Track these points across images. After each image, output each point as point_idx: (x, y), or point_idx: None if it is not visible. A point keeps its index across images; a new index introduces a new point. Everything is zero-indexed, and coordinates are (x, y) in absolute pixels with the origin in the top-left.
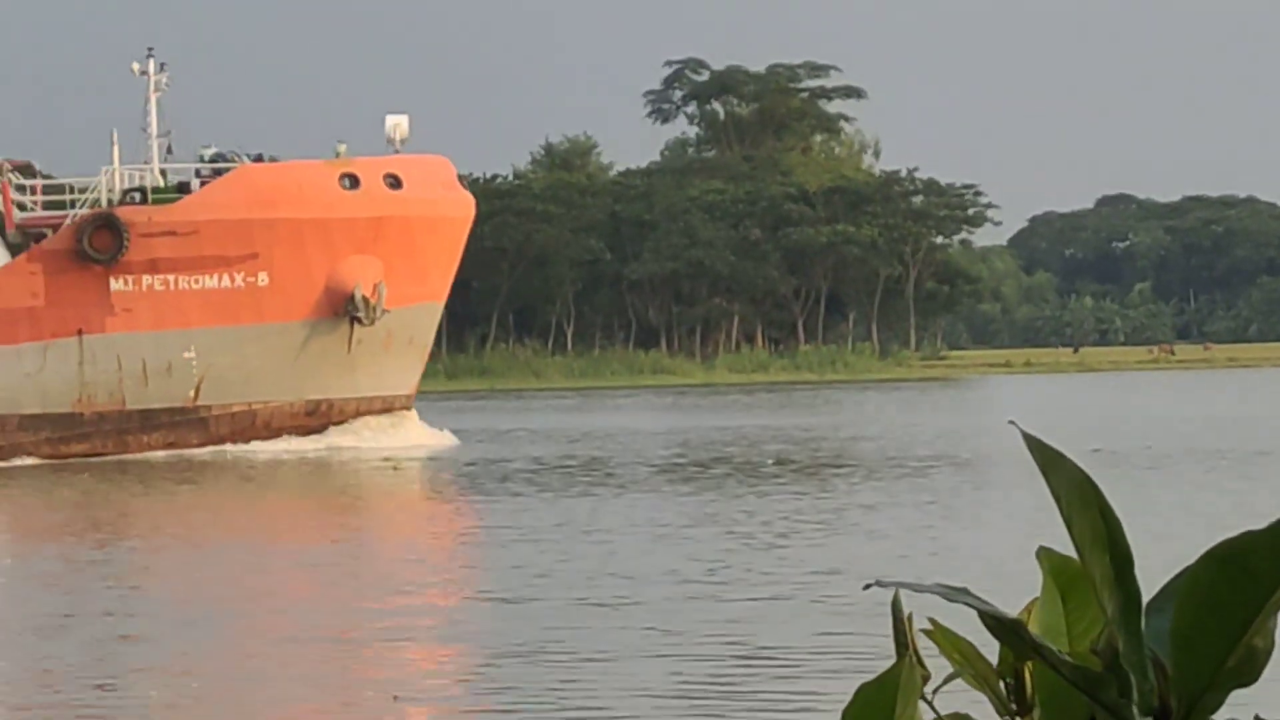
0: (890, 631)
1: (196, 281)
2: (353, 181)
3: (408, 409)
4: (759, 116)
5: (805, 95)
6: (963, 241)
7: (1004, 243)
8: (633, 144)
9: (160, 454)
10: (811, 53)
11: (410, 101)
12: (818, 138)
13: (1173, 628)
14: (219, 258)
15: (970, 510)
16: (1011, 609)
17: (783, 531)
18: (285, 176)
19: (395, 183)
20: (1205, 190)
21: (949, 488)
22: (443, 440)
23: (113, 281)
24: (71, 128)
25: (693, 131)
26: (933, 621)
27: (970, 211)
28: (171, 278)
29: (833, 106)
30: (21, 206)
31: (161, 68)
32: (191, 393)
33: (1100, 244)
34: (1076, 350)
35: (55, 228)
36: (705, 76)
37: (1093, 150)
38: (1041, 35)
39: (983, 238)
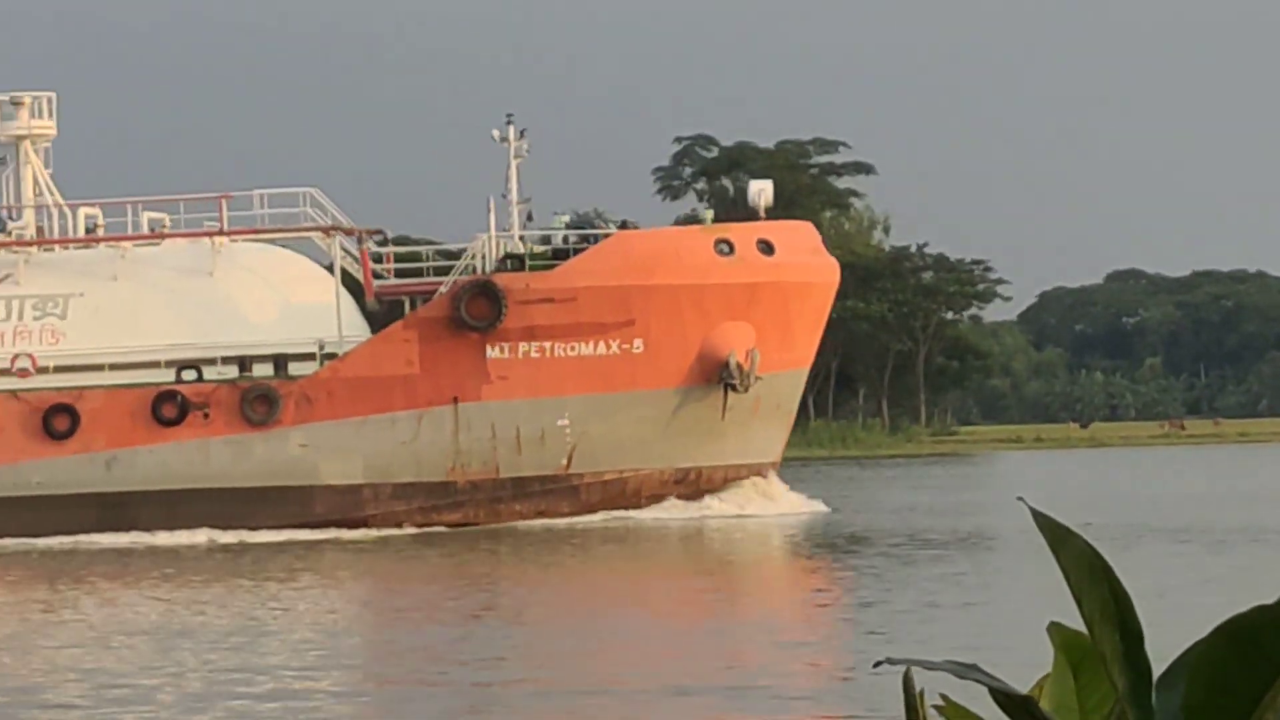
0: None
1: (572, 349)
2: (728, 248)
3: (772, 475)
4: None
5: (814, 171)
6: (973, 317)
7: (1014, 318)
8: (642, 221)
9: (531, 523)
10: (821, 129)
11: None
12: (827, 214)
13: (1184, 704)
14: (596, 324)
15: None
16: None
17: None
18: (662, 243)
19: (767, 248)
20: (1215, 265)
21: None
22: (809, 507)
23: (489, 349)
24: (415, 193)
25: (702, 208)
26: (944, 698)
27: (980, 287)
28: (548, 345)
29: (842, 182)
30: (377, 275)
31: (521, 134)
32: (564, 461)
33: (1110, 319)
34: (1086, 426)
35: (413, 295)
36: (715, 153)
37: (1102, 226)
38: (1050, 111)
39: (993, 313)
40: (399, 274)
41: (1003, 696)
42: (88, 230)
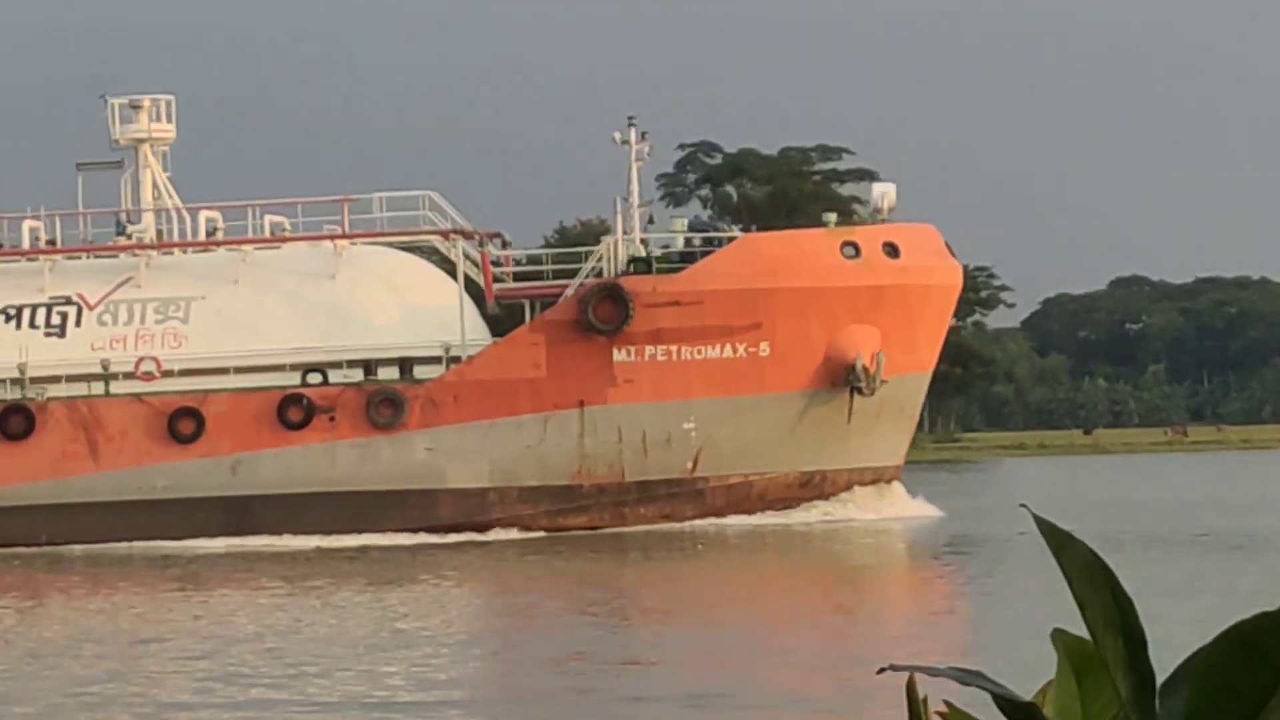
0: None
1: (699, 352)
2: (855, 250)
3: (895, 480)
4: (771, 199)
5: (818, 178)
6: (976, 324)
7: (1017, 325)
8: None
9: (656, 527)
10: (824, 136)
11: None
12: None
13: (1187, 710)
14: (722, 327)
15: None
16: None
17: None
18: (789, 246)
19: (893, 251)
20: (1218, 271)
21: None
22: (928, 511)
23: (615, 352)
24: (524, 195)
25: (706, 214)
26: (948, 705)
27: (983, 294)
28: (674, 348)
29: (845, 189)
30: (496, 278)
31: (643, 136)
32: (690, 464)
33: (1113, 326)
34: (1090, 432)
35: (532, 299)
36: (718, 160)
37: (1105, 232)
38: (1054, 118)
39: (996, 320)
40: (517, 278)
41: (1006, 703)
42: (208, 233)
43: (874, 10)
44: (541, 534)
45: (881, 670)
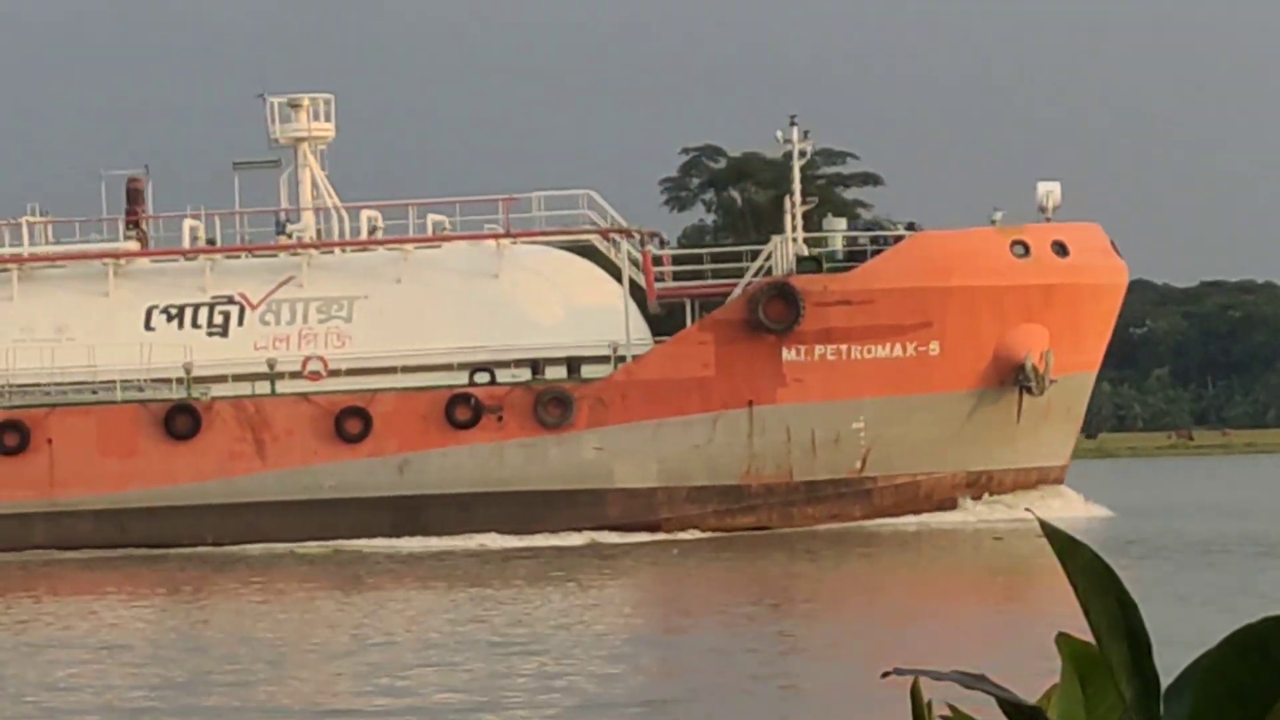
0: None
1: (869, 351)
2: (1024, 249)
3: (1060, 481)
4: (776, 203)
5: (822, 182)
6: None
7: None
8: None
9: (823, 527)
10: (828, 140)
11: None
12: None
13: (1191, 715)
14: (893, 326)
15: None
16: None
17: None
18: (959, 244)
19: (1062, 250)
20: (1222, 276)
21: None
22: (1096, 512)
23: (785, 351)
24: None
25: (710, 219)
26: (952, 708)
27: None
28: (844, 347)
29: (849, 193)
30: (657, 277)
31: (805, 135)
32: (858, 464)
33: (1118, 329)
34: (1094, 436)
35: (694, 298)
36: (722, 164)
37: (1109, 237)
38: (1056, 123)
39: None
40: (676, 277)
41: (1011, 707)
42: (369, 233)
43: (878, 13)
44: (709, 534)
45: (886, 674)
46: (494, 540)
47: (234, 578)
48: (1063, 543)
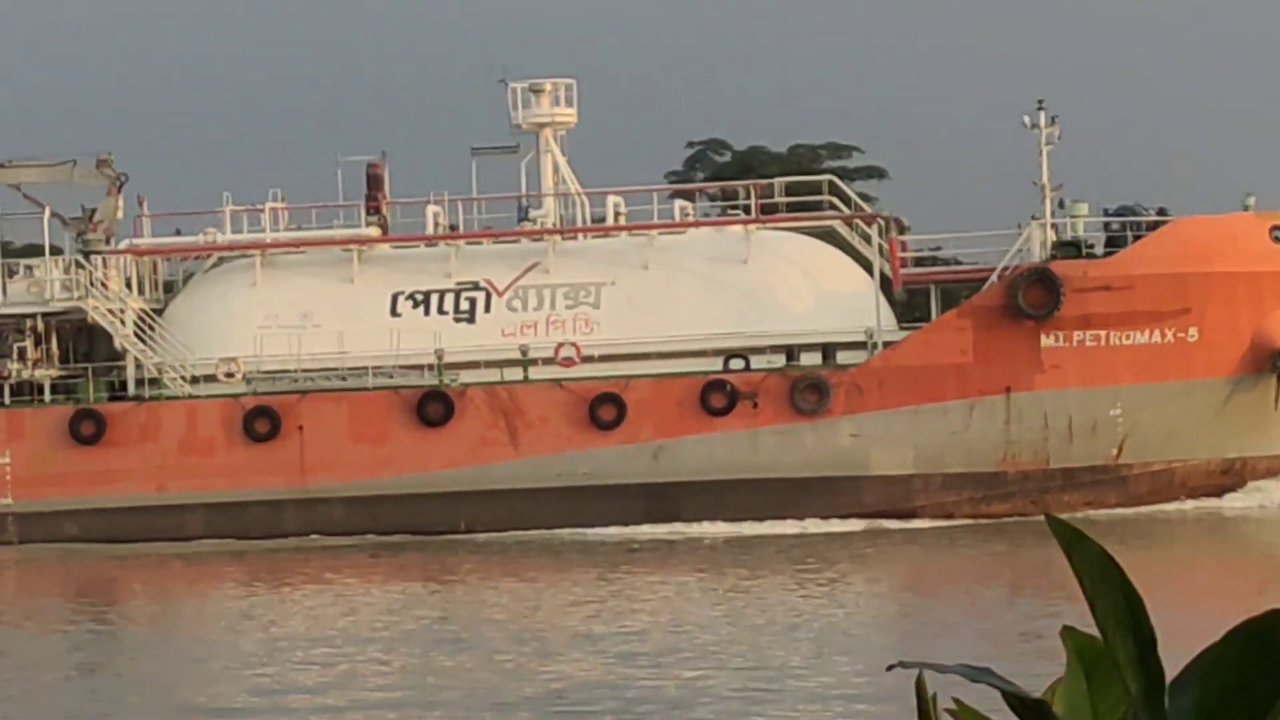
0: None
1: (1127, 337)
2: None
3: None
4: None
5: (827, 176)
6: None
7: None
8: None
9: (1078, 514)
10: (833, 133)
11: None
12: None
13: (1196, 708)
14: (1151, 313)
15: None
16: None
17: None
18: (1219, 230)
19: None
20: None
21: None
22: None
23: (1043, 338)
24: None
25: (715, 212)
26: (957, 702)
27: None
28: (1103, 333)
29: (855, 187)
30: (903, 262)
31: (1053, 120)
32: (1114, 451)
33: None
34: None
35: (938, 284)
36: (727, 157)
37: None
38: (1060, 116)
39: None
40: (916, 263)
41: (1016, 700)
42: (614, 218)
43: (882, 4)
44: (965, 521)
45: (891, 667)
46: (748, 528)
47: (487, 565)
48: (1068, 537)
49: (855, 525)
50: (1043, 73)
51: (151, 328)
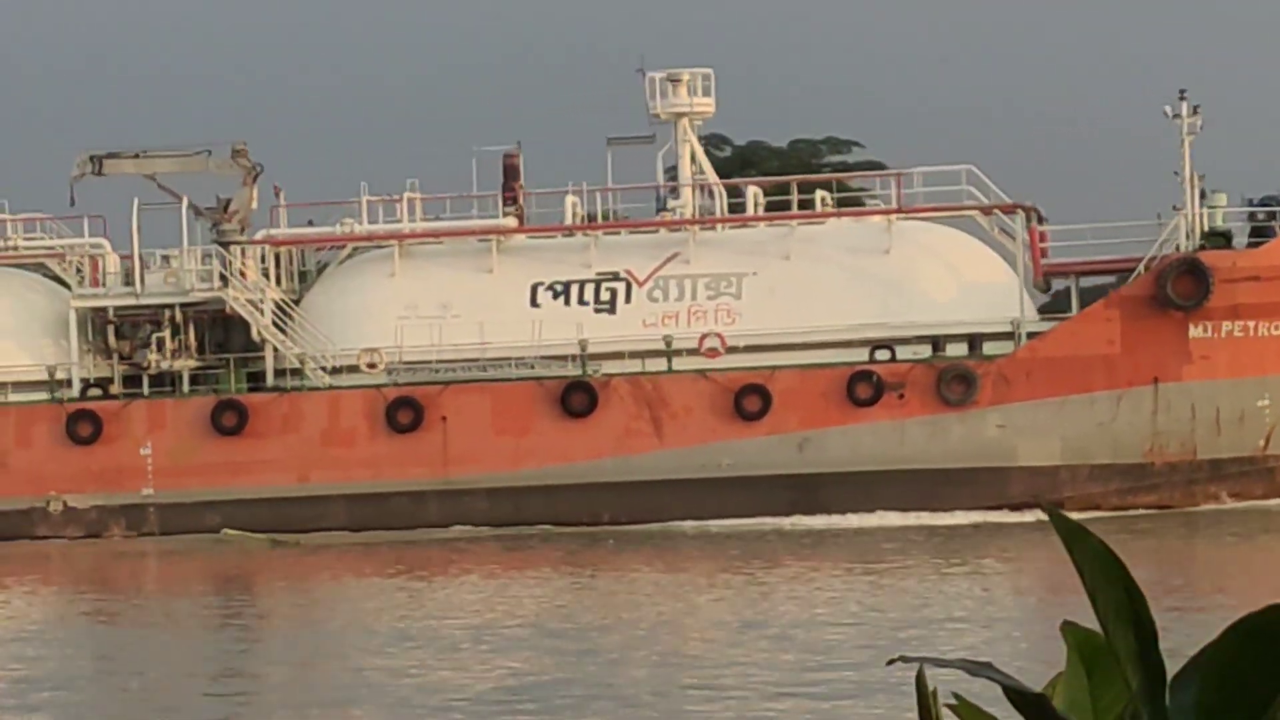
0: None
1: (1276, 328)
2: None
3: None
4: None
5: (827, 171)
6: None
7: None
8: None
9: (1224, 505)
10: (833, 128)
11: None
12: None
13: (1197, 703)
14: None
15: None
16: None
17: None
18: None
19: None
20: None
21: None
22: None
23: (1191, 328)
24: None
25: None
26: (958, 697)
27: None
28: (1251, 324)
29: (855, 182)
30: (1044, 253)
31: (1194, 110)
32: (1261, 442)
33: None
34: None
35: (1078, 274)
36: (728, 152)
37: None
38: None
39: None
40: (1059, 252)
41: (1016, 695)
42: (754, 208)
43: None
44: (1112, 513)
45: (891, 662)
46: (893, 519)
47: (633, 556)
48: (1069, 531)
49: (1001, 517)
50: (1176, 65)
51: (289, 318)
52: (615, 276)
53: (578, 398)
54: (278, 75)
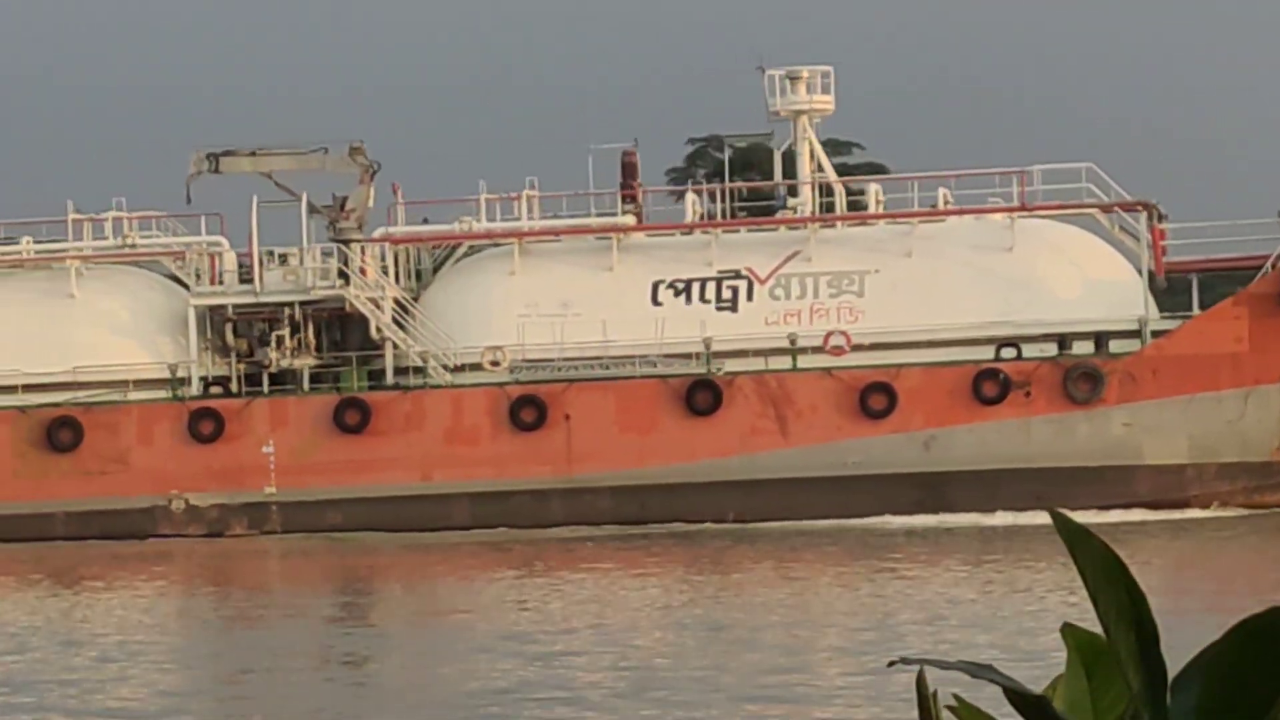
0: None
1: None
2: None
3: None
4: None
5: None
6: None
7: None
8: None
9: None
10: (833, 130)
11: None
12: None
13: (1198, 704)
14: None
15: None
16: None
17: None
18: None
19: None
20: None
21: None
22: None
23: None
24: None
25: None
26: (958, 698)
27: None
28: None
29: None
30: (1164, 250)
31: None
32: None
33: None
34: None
35: (1199, 272)
36: (728, 154)
37: None
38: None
39: None
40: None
41: (1016, 696)
42: (875, 205)
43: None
44: (1239, 512)
45: (892, 664)
46: (1019, 518)
47: (759, 554)
48: (1071, 533)
49: (1128, 515)
50: None
51: (408, 316)
52: (736, 274)
53: (702, 396)
54: (396, 73)
